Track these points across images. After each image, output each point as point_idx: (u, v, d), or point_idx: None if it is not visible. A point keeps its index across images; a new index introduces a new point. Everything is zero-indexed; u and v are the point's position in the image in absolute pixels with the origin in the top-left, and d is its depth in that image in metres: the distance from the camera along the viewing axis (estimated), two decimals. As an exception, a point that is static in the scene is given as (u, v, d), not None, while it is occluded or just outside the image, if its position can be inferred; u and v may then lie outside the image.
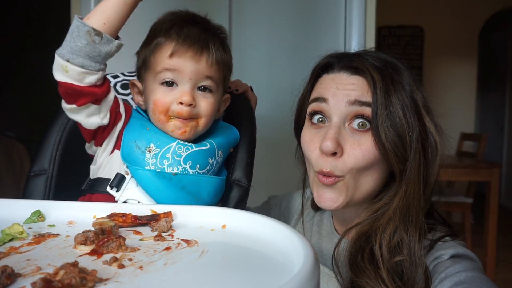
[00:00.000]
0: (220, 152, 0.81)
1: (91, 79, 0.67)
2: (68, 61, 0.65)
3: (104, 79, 0.71)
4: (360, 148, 0.68)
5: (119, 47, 0.68)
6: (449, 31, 4.54)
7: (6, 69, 3.25)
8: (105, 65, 0.70)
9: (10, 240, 0.52)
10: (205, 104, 0.75)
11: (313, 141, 0.73)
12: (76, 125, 0.90)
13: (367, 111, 0.69)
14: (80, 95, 0.68)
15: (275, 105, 1.78)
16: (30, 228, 0.58)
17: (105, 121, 0.73)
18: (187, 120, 0.74)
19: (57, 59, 0.66)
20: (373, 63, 0.70)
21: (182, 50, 0.72)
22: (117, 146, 0.75)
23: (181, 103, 0.73)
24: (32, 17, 3.21)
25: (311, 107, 0.75)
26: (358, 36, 1.89)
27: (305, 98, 0.80)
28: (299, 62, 1.86)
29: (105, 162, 0.75)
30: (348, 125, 0.70)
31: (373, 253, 0.68)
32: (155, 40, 0.76)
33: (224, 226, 0.60)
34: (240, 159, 0.84)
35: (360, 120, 0.69)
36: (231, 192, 0.80)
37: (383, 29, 4.54)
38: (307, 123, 0.77)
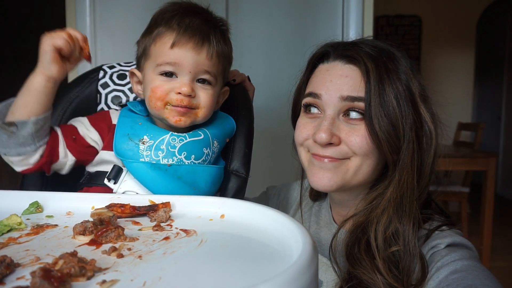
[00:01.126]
0: (215, 142, 0.81)
1: (36, 157, 0.71)
2: (5, 155, 0.69)
3: (48, 147, 0.72)
4: (356, 135, 0.69)
5: (36, 122, 0.68)
6: (447, 21, 4.52)
7: (5, 57, 3.22)
8: (41, 142, 0.71)
9: (8, 231, 0.52)
10: (204, 95, 0.75)
11: (306, 128, 0.74)
12: (74, 114, 0.90)
13: (360, 105, 0.69)
14: (42, 169, 0.73)
15: (272, 95, 1.77)
16: (28, 219, 0.58)
17: (74, 159, 0.75)
18: (185, 110, 0.73)
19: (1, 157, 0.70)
20: (368, 51, 0.71)
21: (183, 40, 0.72)
22: (110, 146, 0.74)
23: (179, 93, 0.72)
24: (30, 12, 3.19)
25: (306, 100, 0.76)
26: (356, 25, 1.88)
27: (301, 89, 0.80)
28: (296, 52, 1.85)
29: (102, 157, 0.75)
30: (342, 116, 0.71)
31: (369, 244, 0.68)
32: (156, 29, 0.75)
33: (222, 216, 0.60)
34: (237, 149, 0.84)
35: (353, 112, 0.70)
36: (229, 182, 0.80)
37: (381, 18, 4.51)
38: (302, 113, 0.78)
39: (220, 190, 0.81)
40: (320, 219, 0.86)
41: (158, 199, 0.63)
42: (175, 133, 0.76)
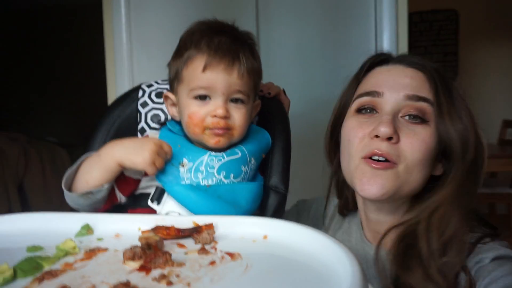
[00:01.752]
0: (252, 159, 0.81)
1: (101, 206, 0.77)
2: (77, 209, 0.76)
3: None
4: (417, 138, 0.67)
5: (109, 187, 0.74)
6: (486, 13, 4.28)
7: (46, 75, 3.41)
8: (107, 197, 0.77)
9: (64, 256, 0.55)
10: (239, 115, 0.76)
11: (362, 128, 0.71)
12: (116, 136, 0.93)
13: (424, 106, 0.69)
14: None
15: (305, 101, 1.75)
16: (81, 242, 0.61)
17: (125, 198, 0.80)
18: (223, 131, 0.75)
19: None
20: (428, 62, 0.72)
21: (214, 62, 0.73)
22: None
23: (215, 116, 0.73)
24: (69, 24, 3.33)
25: (361, 101, 0.73)
26: (390, 25, 1.82)
27: (349, 92, 0.78)
28: (328, 57, 1.83)
29: (145, 182, 0.78)
30: (401, 117, 0.69)
31: (420, 254, 0.65)
32: (186, 52, 0.77)
33: (265, 237, 0.60)
34: (276, 165, 0.84)
35: (415, 114, 0.69)
36: (268, 199, 0.80)
37: (414, 15, 4.35)
38: (351, 115, 0.75)
39: (259, 207, 0.81)
40: (351, 237, 0.83)
41: (201, 220, 0.64)
42: (213, 153, 0.77)
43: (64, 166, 3.02)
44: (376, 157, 0.68)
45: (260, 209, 0.81)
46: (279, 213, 0.79)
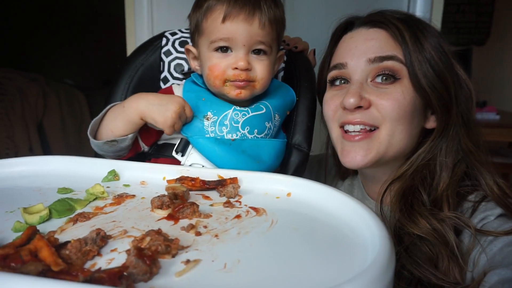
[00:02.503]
0: (276, 115, 0.80)
1: (125, 154, 0.79)
2: (102, 156, 0.78)
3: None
4: (388, 98, 0.68)
5: (132, 137, 0.75)
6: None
7: (65, 19, 3.34)
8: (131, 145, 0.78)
9: (94, 200, 0.57)
10: (261, 67, 0.74)
11: (333, 100, 0.74)
12: (139, 85, 0.92)
13: (390, 64, 0.68)
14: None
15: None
16: (108, 187, 0.63)
17: (148, 147, 0.82)
18: (244, 83, 0.73)
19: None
20: (394, 16, 0.72)
21: (234, 12, 0.70)
22: None
23: (236, 68, 0.72)
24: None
25: (331, 74, 0.76)
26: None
27: (325, 64, 0.81)
28: (357, 12, 1.73)
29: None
30: (371, 81, 0.70)
31: (420, 206, 0.67)
32: (206, 3, 0.74)
33: (289, 194, 0.60)
34: (300, 123, 0.83)
35: (383, 75, 0.69)
36: (290, 156, 0.80)
37: (451, -31, 4.04)
38: (328, 88, 0.78)
39: (281, 164, 0.81)
40: (352, 194, 0.85)
41: (226, 174, 0.65)
42: (238, 108, 0.76)
43: (81, 109, 3.06)
44: (352, 128, 0.71)
45: (281, 166, 0.81)
46: (300, 171, 0.80)
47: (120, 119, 0.72)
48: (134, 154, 0.79)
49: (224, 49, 0.73)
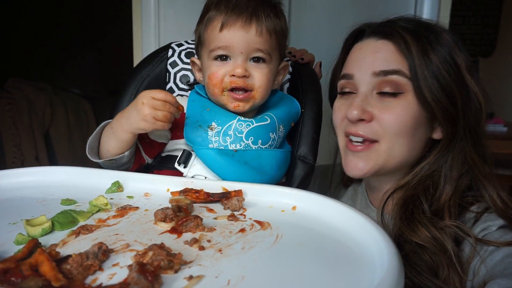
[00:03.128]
0: (281, 126, 0.80)
1: (129, 167, 0.79)
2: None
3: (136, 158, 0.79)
4: (390, 113, 0.68)
5: (129, 153, 0.75)
6: (537, -18, 3.95)
7: (71, 29, 3.39)
8: (133, 158, 0.78)
9: (97, 211, 0.56)
10: (259, 74, 0.74)
11: (340, 109, 0.75)
12: (148, 89, 0.92)
13: (394, 78, 0.68)
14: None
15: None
16: (111, 198, 0.62)
17: (151, 160, 0.82)
18: (242, 96, 0.73)
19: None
20: (404, 26, 0.70)
21: (230, 21, 0.71)
22: (181, 135, 0.77)
23: (234, 75, 0.72)
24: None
25: (340, 84, 0.76)
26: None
27: (336, 71, 0.81)
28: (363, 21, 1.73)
29: (173, 145, 0.78)
30: (376, 93, 0.70)
31: (421, 215, 0.66)
32: (207, 14, 0.75)
33: (294, 208, 0.60)
34: (305, 135, 0.82)
35: (388, 88, 0.69)
36: (295, 168, 0.79)
37: (456, -19, 4.06)
38: (338, 96, 0.78)
39: (286, 176, 0.80)
40: (356, 203, 0.85)
41: (230, 186, 0.64)
42: (242, 118, 0.75)
43: (87, 118, 3.08)
44: (355, 139, 0.72)
45: (286, 178, 0.80)
46: (305, 184, 0.79)
47: (113, 140, 0.73)
48: (138, 166, 0.79)
49: (224, 58, 0.74)
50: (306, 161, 0.79)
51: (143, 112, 0.67)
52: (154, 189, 0.66)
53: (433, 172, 0.69)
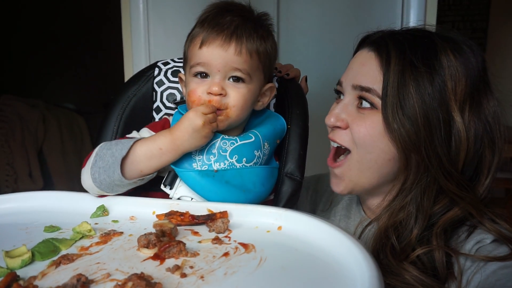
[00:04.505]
0: (266, 144, 0.79)
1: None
2: (104, 193, 0.70)
3: None
4: (361, 124, 0.69)
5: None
6: (522, -13, 4.02)
7: (63, 44, 3.40)
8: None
9: (80, 238, 0.56)
10: (235, 94, 0.74)
11: (329, 113, 0.76)
12: (132, 115, 0.92)
13: (366, 95, 0.68)
14: None
15: (324, 80, 1.70)
16: (96, 223, 0.62)
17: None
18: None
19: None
20: (400, 40, 0.67)
21: (210, 38, 0.72)
22: None
23: (210, 93, 0.72)
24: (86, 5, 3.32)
25: (336, 88, 0.78)
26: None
27: None
28: (351, 34, 1.73)
29: None
30: (356, 103, 0.71)
31: (394, 248, 0.65)
32: (192, 32, 0.76)
33: (279, 228, 0.59)
34: (292, 151, 0.82)
35: (364, 101, 0.69)
36: (283, 186, 0.79)
37: (444, -12, 4.12)
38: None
39: (274, 193, 0.80)
40: (350, 213, 0.85)
41: (216, 207, 0.64)
42: (226, 137, 0.75)
43: (81, 132, 3.07)
44: (332, 143, 0.75)
45: (274, 196, 0.80)
46: (293, 200, 0.78)
47: (156, 161, 0.70)
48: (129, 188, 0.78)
49: (204, 75, 0.74)
50: (293, 177, 0.79)
51: (204, 131, 0.70)
52: (140, 212, 0.66)
53: (405, 204, 0.67)
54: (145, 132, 0.78)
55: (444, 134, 0.64)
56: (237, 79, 0.74)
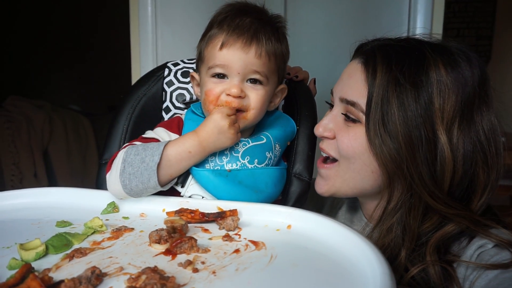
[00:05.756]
0: (277, 145, 0.80)
1: None
2: (133, 195, 0.68)
3: None
4: (346, 136, 0.70)
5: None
6: (528, -5, 4.03)
7: (69, 45, 3.43)
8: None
9: (92, 233, 0.56)
10: (255, 96, 0.75)
11: (320, 123, 0.78)
12: (141, 115, 0.93)
13: (351, 109, 0.69)
14: None
15: (331, 85, 1.71)
16: (107, 219, 0.62)
17: None
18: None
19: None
20: (390, 53, 0.65)
21: (231, 41, 0.72)
22: None
23: (229, 95, 0.73)
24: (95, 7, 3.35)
25: (331, 98, 0.78)
26: (425, 4, 1.72)
27: None
28: (358, 39, 1.76)
29: None
30: (343, 114, 0.72)
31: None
32: (209, 32, 0.77)
33: (289, 227, 0.60)
34: (300, 152, 0.83)
35: (349, 114, 0.70)
36: (291, 186, 0.79)
37: (450, -5, 4.13)
38: None
39: (282, 194, 0.80)
40: (353, 216, 0.85)
41: (226, 205, 0.64)
42: None
43: (86, 134, 3.08)
44: (322, 152, 0.76)
45: (283, 196, 0.80)
46: (301, 201, 0.79)
47: (185, 164, 0.70)
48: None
49: (221, 76, 0.75)
50: (302, 178, 0.80)
51: (230, 132, 0.70)
52: (150, 209, 0.66)
53: (391, 225, 0.65)
54: (162, 132, 0.78)
55: (427, 153, 0.61)
56: (255, 81, 0.74)
